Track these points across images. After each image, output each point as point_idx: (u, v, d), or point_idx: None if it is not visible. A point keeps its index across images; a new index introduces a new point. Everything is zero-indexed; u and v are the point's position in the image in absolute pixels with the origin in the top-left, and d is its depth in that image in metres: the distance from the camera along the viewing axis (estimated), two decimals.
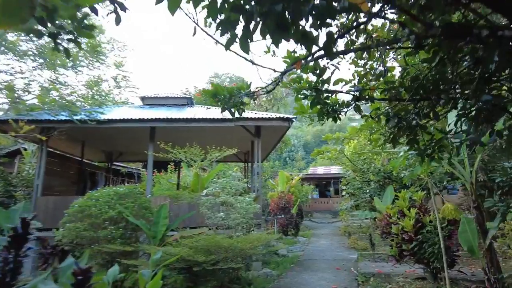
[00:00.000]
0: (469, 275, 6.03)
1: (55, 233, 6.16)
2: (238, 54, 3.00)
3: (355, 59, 4.08)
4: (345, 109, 4.02)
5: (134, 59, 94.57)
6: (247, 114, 8.46)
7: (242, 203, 6.28)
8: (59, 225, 6.22)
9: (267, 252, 6.69)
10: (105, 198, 6.28)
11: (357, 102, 3.68)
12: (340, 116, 4.02)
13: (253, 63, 3.29)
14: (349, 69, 4.32)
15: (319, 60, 3.16)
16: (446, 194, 13.11)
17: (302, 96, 3.68)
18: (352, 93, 3.66)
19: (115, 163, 16.41)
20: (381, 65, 3.76)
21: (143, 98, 11.11)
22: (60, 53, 2.66)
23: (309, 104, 4.01)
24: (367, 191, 10.62)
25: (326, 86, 3.56)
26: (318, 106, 3.82)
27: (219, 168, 13.68)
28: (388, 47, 3.58)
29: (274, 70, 3.38)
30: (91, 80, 9.78)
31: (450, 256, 5.31)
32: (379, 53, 3.76)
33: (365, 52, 3.87)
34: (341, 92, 3.73)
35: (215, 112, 8.85)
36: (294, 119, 8.02)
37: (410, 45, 3.26)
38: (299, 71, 3.38)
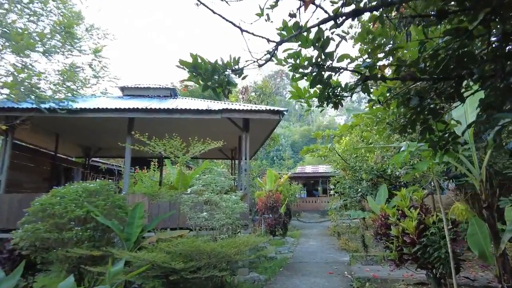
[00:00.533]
0: (472, 281, 5.57)
1: (13, 234, 5.34)
2: (224, 19, 2.51)
3: (363, 34, 3.49)
4: (348, 93, 3.45)
5: (122, 50, 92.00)
6: (234, 106, 7.80)
7: (228, 202, 5.62)
8: (17, 225, 5.40)
9: (256, 257, 6.06)
10: (72, 195, 5.49)
11: (365, 82, 3.10)
12: (342, 102, 3.46)
13: (241, 29, 2.70)
14: (353, 47, 3.73)
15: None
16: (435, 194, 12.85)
17: (299, 76, 3.07)
18: (360, 70, 3.07)
19: (94, 159, 15.44)
20: (398, 35, 3.19)
21: (122, 89, 10.27)
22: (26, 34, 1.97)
23: (307, 87, 3.41)
24: (359, 190, 10.14)
25: (329, 62, 2.95)
26: (319, 88, 3.23)
27: (205, 165, 12.98)
28: (408, 17, 3.00)
29: (268, 40, 2.78)
30: (65, 67, 8.89)
31: (456, 260, 4.81)
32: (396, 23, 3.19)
33: (375, 23, 3.29)
34: (347, 70, 3.12)
35: (200, 105, 8.15)
36: (285, 112, 7.41)
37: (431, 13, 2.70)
38: (297, 45, 2.77)
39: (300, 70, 3.00)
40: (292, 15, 2.64)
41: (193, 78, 2.86)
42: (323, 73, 3.02)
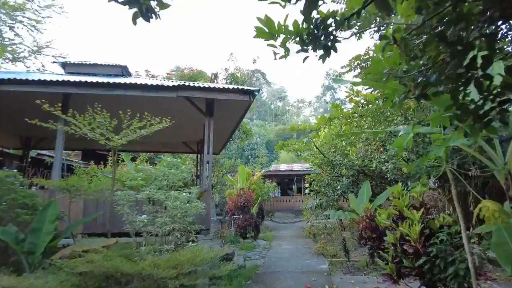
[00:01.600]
0: None
1: None
2: None
3: None
4: (346, 30, 2.22)
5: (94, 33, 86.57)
6: (194, 83, 6.31)
7: (176, 200, 4.15)
8: None
9: (213, 276, 4.56)
10: None
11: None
12: (336, 45, 2.21)
13: None
14: None
15: None
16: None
17: None
18: None
19: (40, 151, 13.30)
20: None
21: (64, 65, 8.44)
22: None
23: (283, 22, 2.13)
24: (338, 187, 8.98)
25: None
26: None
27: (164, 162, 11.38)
28: None
29: None
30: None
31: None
32: None
33: None
34: None
35: (152, 82, 6.60)
36: (256, 93, 6.03)
37: None
38: None
39: None
40: None
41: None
42: None
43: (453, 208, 5.60)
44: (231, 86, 6.13)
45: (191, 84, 5.91)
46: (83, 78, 6.08)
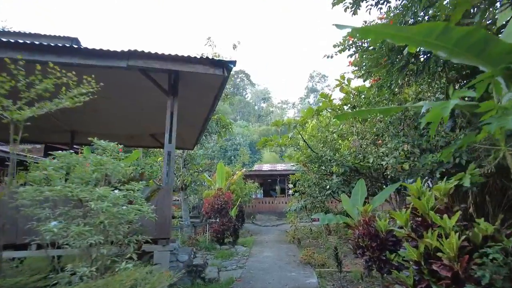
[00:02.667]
0: None
1: None
2: None
3: None
4: None
5: None
6: (153, 50, 4.91)
7: (103, 201, 2.76)
8: None
9: None
10: None
11: None
12: None
13: None
14: None
15: None
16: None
17: None
18: None
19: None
20: None
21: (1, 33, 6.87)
22: None
23: None
24: (327, 187, 7.76)
25: None
26: None
27: (136, 155, 9.85)
28: None
29: None
30: None
31: None
32: None
33: None
34: None
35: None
36: (232, 65, 4.70)
37: None
38: None
39: None
40: None
41: None
42: None
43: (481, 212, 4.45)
44: (199, 55, 4.76)
45: (148, 52, 4.51)
46: None
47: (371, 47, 5.98)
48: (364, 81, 8.76)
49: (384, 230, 5.19)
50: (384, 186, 7.33)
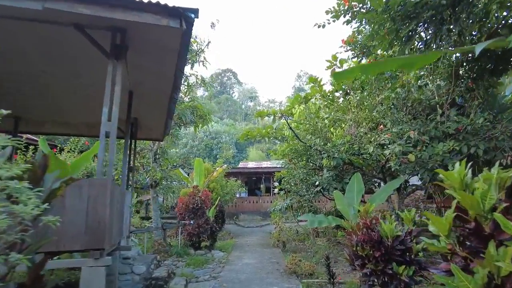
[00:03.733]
0: None
1: None
2: None
3: None
4: None
5: None
6: None
7: None
8: None
9: None
10: None
11: None
12: None
13: None
14: None
15: None
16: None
17: None
18: None
19: None
20: None
21: None
22: None
23: None
24: (316, 183, 6.58)
25: None
26: None
27: (96, 149, 8.37)
28: None
29: None
30: None
31: None
32: None
33: None
34: None
35: None
36: (193, 14, 3.45)
37: None
38: None
39: None
40: None
41: None
42: None
43: None
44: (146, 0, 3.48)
45: None
46: None
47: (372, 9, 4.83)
48: (359, 61, 7.63)
49: (391, 236, 4.05)
50: (382, 183, 6.21)
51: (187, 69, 9.73)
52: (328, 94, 7.49)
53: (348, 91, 7.16)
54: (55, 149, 11.86)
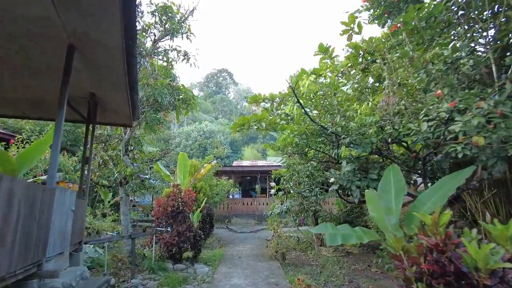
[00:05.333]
0: None
1: None
2: None
3: None
4: None
5: None
6: None
7: None
8: None
9: None
10: None
11: None
12: None
13: None
14: None
15: None
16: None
17: None
18: None
19: None
20: None
21: None
22: None
23: None
24: (331, 180, 4.77)
25: None
26: None
27: (49, 137, 6.45)
28: None
29: None
30: None
31: None
32: None
33: None
34: None
35: None
36: None
37: None
38: None
39: None
40: None
41: None
42: None
43: None
44: None
45: None
46: None
47: None
48: (383, 24, 5.87)
49: (484, 268, 2.28)
50: (423, 178, 4.42)
51: (167, 43, 7.89)
52: (346, 66, 5.72)
53: (367, 66, 5.40)
54: (12, 140, 9.91)
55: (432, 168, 4.66)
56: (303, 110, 4.63)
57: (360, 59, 5.69)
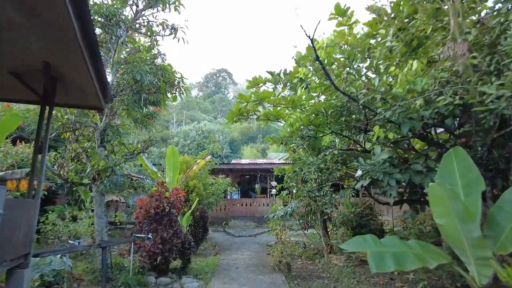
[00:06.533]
0: None
1: None
2: None
3: None
4: None
5: None
6: None
7: None
8: None
9: None
10: None
11: None
12: None
13: None
14: None
15: None
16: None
17: None
18: None
19: None
20: None
21: None
22: None
23: None
24: (358, 172, 3.50)
25: None
26: None
27: (14, 121, 5.14)
28: None
29: None
30: None
31: None
32: None
33: None
34: None
35: None
36: None
37: None
38: None
39: None
40: None
41: None
42: None
43: None
44: None
45: None
46: None
47: None
48: None
49: None
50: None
51: (152, 16, 6.62)
52: (372, 33, 4.45)
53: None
54: None
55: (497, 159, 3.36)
56: (325, 73, 3.35)
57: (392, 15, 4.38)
